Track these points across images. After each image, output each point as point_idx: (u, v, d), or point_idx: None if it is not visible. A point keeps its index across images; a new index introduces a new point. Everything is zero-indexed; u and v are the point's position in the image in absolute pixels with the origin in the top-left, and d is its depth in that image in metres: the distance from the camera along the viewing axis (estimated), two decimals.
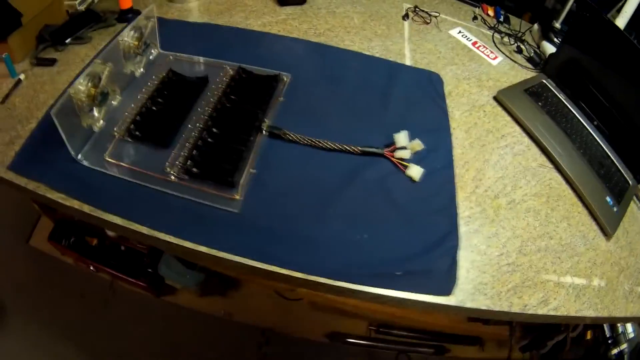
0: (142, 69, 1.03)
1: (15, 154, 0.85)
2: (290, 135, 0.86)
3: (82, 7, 1.14)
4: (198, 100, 0.97)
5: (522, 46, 1.37)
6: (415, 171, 0.84)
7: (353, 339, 0.99)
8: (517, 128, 1.06)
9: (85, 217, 0.80)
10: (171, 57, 1.08)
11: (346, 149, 0.85)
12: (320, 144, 0.85)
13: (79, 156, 0.84)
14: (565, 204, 0.95)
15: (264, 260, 0.74)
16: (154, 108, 0.95)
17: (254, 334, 1.27)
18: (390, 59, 1.13)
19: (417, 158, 0.89)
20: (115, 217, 0.79)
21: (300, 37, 1.16)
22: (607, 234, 0.93)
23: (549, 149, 1.03)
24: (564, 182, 0.99)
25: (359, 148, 0.85)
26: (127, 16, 1.15)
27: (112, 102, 0.95)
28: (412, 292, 0.75)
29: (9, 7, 0.95)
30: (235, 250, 0.75)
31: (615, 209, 0.98)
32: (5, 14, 0.96)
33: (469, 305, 0.77)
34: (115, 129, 0.90)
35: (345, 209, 0.80)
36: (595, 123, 1.14)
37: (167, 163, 0.85)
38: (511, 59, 1.28)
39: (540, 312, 0.79)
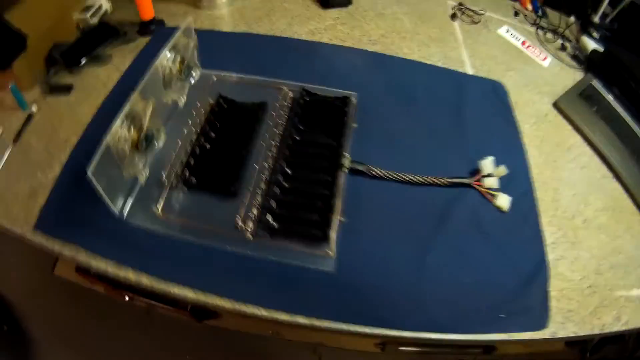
0: (184, 97, 0.88)
1: (41, 210, 0.72)
2: (374, 171, 0.80)
3: (94, 20, 0.99)
4: (259, 132, 0.85)
5: (566, 43, 1.32)
6: (504, 200, 0.81)
7: (405, 346, 0.98)
8: (579, 137, 1.03)
9: (146, 287, 0.69)
10: (214, 78, 0.94)
11: (434, 181, 0.80)
12: (407, 179, 0.80)
13: (125, 214, 0.72)
14: (627, 214, 0.93)
15: (372, 323, 0.68)
16: (207, 145, 0.81)
17: (306, 351, 1.24)
18: (452, 68, 1.07)
19: (502, 184, 0.85)
20: (185, 289, 0.68)
21: (355, 46, 1.08)
22: None
23: (609, 157, 1.01)
24: (623, 192, 0.96)
25: (447, 180, 0.81)
26: (149, 28, 1.02)
27: (159, 143, 0.81)
28: (513, 332, 0.73)
29: (10, 31, 0.79)
30: (337, 317, 0.68)
31: None
32: (8, 39, 0.80)
33: (560, 335, 0.76)
34: (164, 176, 0.77)
35: (444, 251, 0.76)
36: None
37: (238, 217, 0.73)
38: (558, 59, 1.22)
39: (614, 329, 0.79)
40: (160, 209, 0.73)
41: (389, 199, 0.80)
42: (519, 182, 0.87)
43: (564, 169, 0.95)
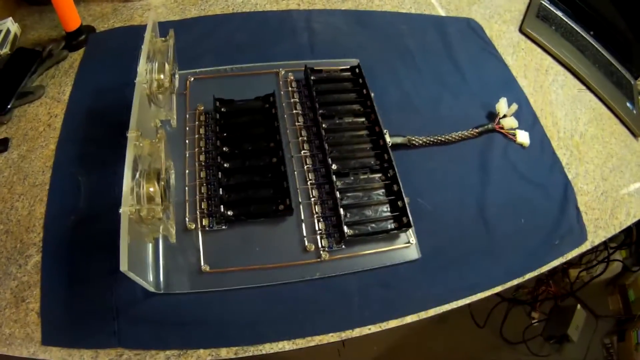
0: (175, 113, 0.67)
1: (41, 317, 0.51)
2: (415, 141, 0.73)
3: (5, 50, 0.73)
4: (278, 131, 0.66)
5: None
6: (524, 136, 0.80)
7: None
8: (550, 59, 1.03)
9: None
10: (192, 79, 0.73)
11: (465, 135, 0.76)
12: (444, 139, 0.74)
13: (162, 286, 0.53)
14: (606, 120, 0.97)
15: (466, 294, 0.64)
16: (225, 164, 0.62)
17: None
18: (427, 13, 0.99)
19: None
20: (280, 343, 0.54)
21: (326, 7, 0.95)
22: (636, 135, 0.98)
23: (579, 71, 1.02)
24: (598, 101, 1.00)
25: (475, 131, 0.76)
26: (78, 39, 0.77)
27: (172, 182, 0.60)
28: (566, 253, 0.74)
29: None
30: (432, 302, 0.61)
31: (635, 111, 1.02)
32: None
33: (596, 242, 0.79)
34: (187, 221, 0.58)
35: (497, 200, 0.73)
36: (591, 33, 1.13)
37: (305, 239, 0.59)
38: None
39: (628, 223, 0.84)
40: (203, 263, 0.56)
41: (434, 165, 0.74)
42: (525, 115, 0.86)
43: (550, 92, 0.95)
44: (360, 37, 0.89)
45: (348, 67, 0.79)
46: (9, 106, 0.66)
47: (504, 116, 0.80)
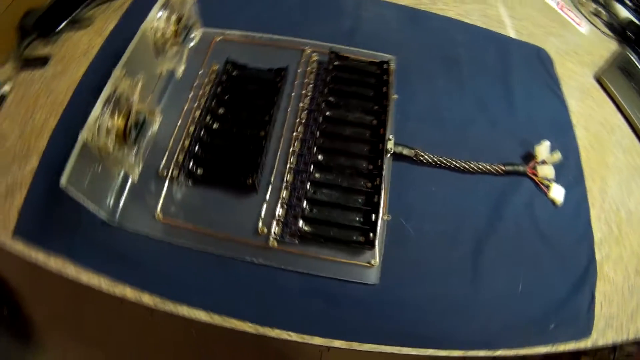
0: (183, 65, 0.64)
1: (20, 213, 0.54)
2: (423, 156, 0.59)
3: None
4: (279, 107, 0.61)
5: (599, 8, 1.09)
6: (559, 192, 0.63)
7: None
8: (619, 116, 0.84)
9: (149, 305, 0.51)
10: (218, 38, 0.68)
11: (489, 169, 0.60)
12: (460, 166, 0.59)
13: (116, 219, 0.53)
14: None
15: (420, 344, 0.51)
16: (214, 125, 0.58)
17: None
18: (492, 29, 0.84)
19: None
20: (195, 311, 0.50)
21: None
22: None
23: None
24: None
25: (502, 167, 0.61)
26: None
27: (152, 128, 0.58)
28: (560, 342, 0.57)
29: None
30: (379, 338, 0.51)
31: None
32: None
33: (599, 343, 0.62)
34: (161, 168, 0.55)
35: (499, 253, 0.59)
36: None
37: (259, 219, 0.53)
38: (594, 25, 1.00)
39: None
40: (159, 211, 0.53)
41: (438, 190, 0.60)
42: (569, 169, 0.69)
43: (610, 154, 0.77)
44: (408, 36, 0.76)
45: (378, 61, 0.66)
46: (58, 29, 0.68)
47: (543, 162, 0.64)
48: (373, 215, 0.52)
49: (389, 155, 0.57)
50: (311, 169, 0.55)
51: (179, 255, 0.52)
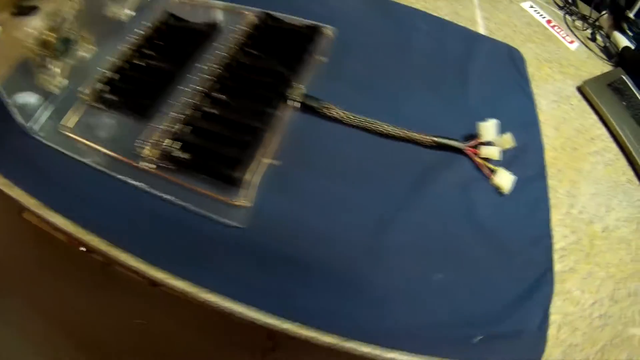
0: (130, 12, 0.63)
1: None
2: (333, 110, 0.49)
3: None
4: (203, 53, 0.59)
5: (597, 34, 0.99)
6: (506, 178, 0.50)
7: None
8: (604, 130, 0.71)
9: (36, 213, 0.46)
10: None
11: (414, 137, 0.49)
12: (378, 128, 0.48)
13: (33, 126, 0.50)
14: None
15: (284, 314, 0.41)
16: (141, 64, 0.56)
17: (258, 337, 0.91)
18: (462, 25, 0.75)
19: (505, 159, 0.53)
20: (66, 222, 0.45)
21: None
22: None
23: (638, 160, 0.68)
24: None
25: (432, 138, 0.49)
26: None
27: (83, 53, 0.57)
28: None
29: None
30: (237, 293, 0.41)
31: None
32: None
33: None
34: (81, 89, 0.53)
35: (412, 231, 0.45)
36: None
37: (140, 142, 0.49)
38: (587, 47, 0.90)
39: None
40: (72, 126, 0.51)
41: (349, 150, 0.49)
42: (528, 161, 0.56)
43: (585, 161, 0.63)
44: (364, 17, 0.69)
45: (312, 26, 0.62)
46: None
47: (489, 144, 0.52)
48: (253, 153, 0.46)
49: (296, 104, 0.51)
50: (208, 103, 0.51)
51: (80, 170, 0.48)
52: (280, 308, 0.41)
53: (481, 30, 0.78)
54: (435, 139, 0.50)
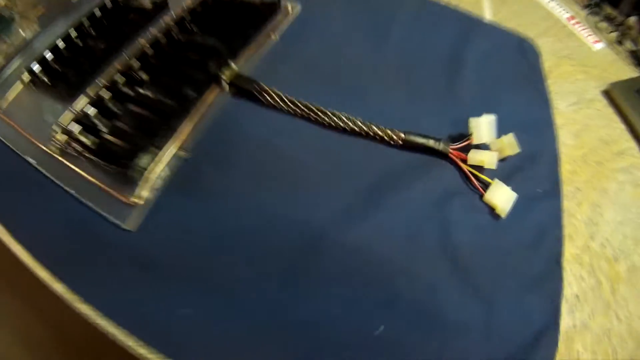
0: None
1: None
2: (272, 95, 0.35)
3: None
4: (143, 31, 0.51)
5: (625, 39, 0.84)
6: (503, 195, 0.35)
7: None
8: (634, 144, 0.56)
9: None
10: None
11: (378, 133, 0.35)
12: (328, 118, 0.34)
13: None
14: None
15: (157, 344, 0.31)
16: (80, 43, 0.49)
17: None
18: (463, 10, 0.61)
19: (505, 170, 0.38)
20: None
21: None
22: None
23: None
24: None
25: (403, 135, 0.34)
26: None
27: (23, 33, 0.51)
28: None
29: None
30: (115, 316, 0.32)
31: None
32: None
33: None
34: (16, 69, 0.48)
35: (355, 258, 0.31)
36: None
37: (56, 126, 0.41)
38: (613, 49, 0.75)
39: None
40: (6, 105, 0.46)
41: (286, 146, 0.37)
42: (537, 174, 0.42)
43: (611, 179, 0.48)
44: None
45: (268, 1, 0.51)
46: None
47: (480, 147, 0.37)
48: (156, 138, 0.39)
49: (225, 86, 0.41)
50: (123, 83, 0.43)
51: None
52: (154, 338, 0.30)
53: (487, 16, 0.64)
54: (406, 136, 0.35)
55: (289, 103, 0.38)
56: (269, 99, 0.38)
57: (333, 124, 0.37)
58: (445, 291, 0.33)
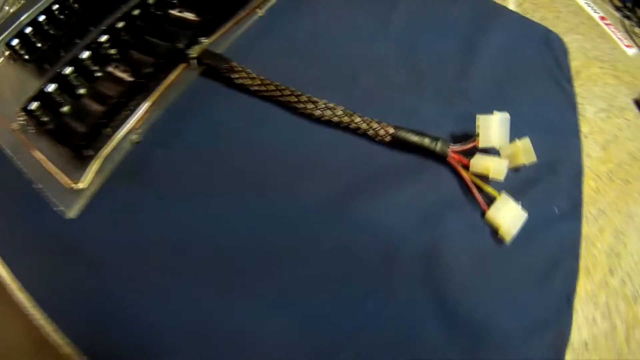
0: None
1: None
2: (241, 75, 0.28)
3: None
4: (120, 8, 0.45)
5: None
6: (509, 214, 0.27)
7: None
8: None
9: None
10: None
11: (362, 126, 0.27)
12: (303, 104, 0.26)
13: None
14: None
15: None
16: (61, 17, 0.44)
17: None
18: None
19: (515, 182, 0.30)
20: None
21: None
22: None
23: None
24: None
25: (393, 129, 0.26)
26: None
27: (7, 7, 0.48)
28: None
29: None
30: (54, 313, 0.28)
31: None
32: None
33: None
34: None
35: (322, 269, 0.25)
36: None
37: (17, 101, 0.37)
38: None
39: None
40: None
41: (255, 134, 0.29)
42: (555, 190, 0.33)
43: (639, 202, 0.40)
44: None
45: None
46: None
47: (487, 151, 0.29)
48: (106, 123, 0.34)
49: (190, 61, 0.35)
50: (87, 58, 0.38)
51: None
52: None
53: (510, 4, 0.56)
54: (396, 131, 0.27)
55: (260, 83, 0.31)
56: (239, 78, 0.30)
57: (308, 111, 0.30)
58: (426, 331, 0.25)
